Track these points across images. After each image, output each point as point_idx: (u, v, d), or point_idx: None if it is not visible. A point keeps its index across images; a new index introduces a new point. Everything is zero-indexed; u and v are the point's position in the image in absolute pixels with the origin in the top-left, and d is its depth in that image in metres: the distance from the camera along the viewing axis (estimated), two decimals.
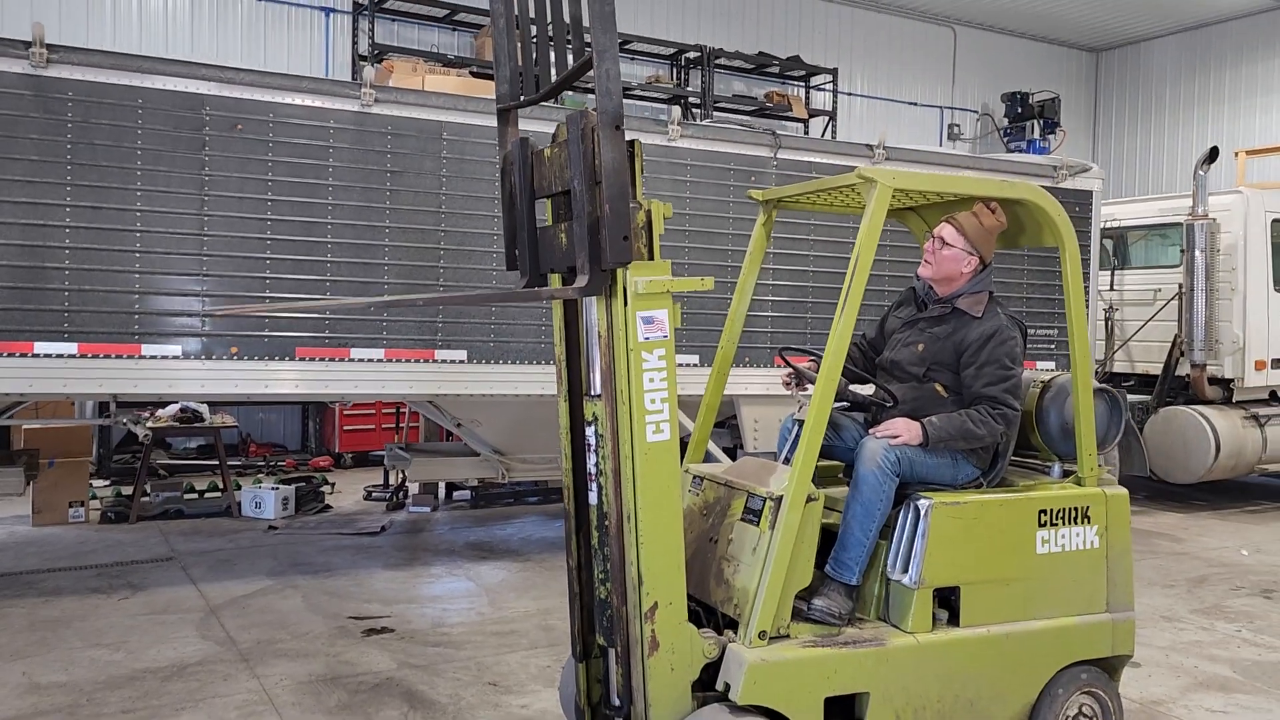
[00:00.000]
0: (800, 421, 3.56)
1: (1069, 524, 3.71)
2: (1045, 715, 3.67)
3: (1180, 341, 9.24)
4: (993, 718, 3.61)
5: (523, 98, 3.39)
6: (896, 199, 3.99)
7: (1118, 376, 9.95)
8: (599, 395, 3.15)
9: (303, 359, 5.86)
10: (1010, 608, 3.63)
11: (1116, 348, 9.86)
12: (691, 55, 12.64)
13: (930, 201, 4.15)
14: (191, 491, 8.44)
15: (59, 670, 4.77)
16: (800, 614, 3.42)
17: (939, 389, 3.76)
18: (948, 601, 3.58)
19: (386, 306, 6.00)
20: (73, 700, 4.43)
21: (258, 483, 8.78)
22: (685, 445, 3.99)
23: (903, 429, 3.60)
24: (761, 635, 3.27)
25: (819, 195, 3.96)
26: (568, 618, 3.61)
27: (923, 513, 3.50)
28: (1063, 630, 3.71)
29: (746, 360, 6.90)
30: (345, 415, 10.55)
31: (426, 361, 6.13)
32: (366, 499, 9.01)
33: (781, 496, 3.32)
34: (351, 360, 5.97)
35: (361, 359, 5.99)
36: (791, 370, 3.87)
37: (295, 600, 5.98)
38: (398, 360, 6.06)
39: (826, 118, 13.59)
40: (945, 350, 3.77)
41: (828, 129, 13.60)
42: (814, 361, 3.80)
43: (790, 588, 3.35)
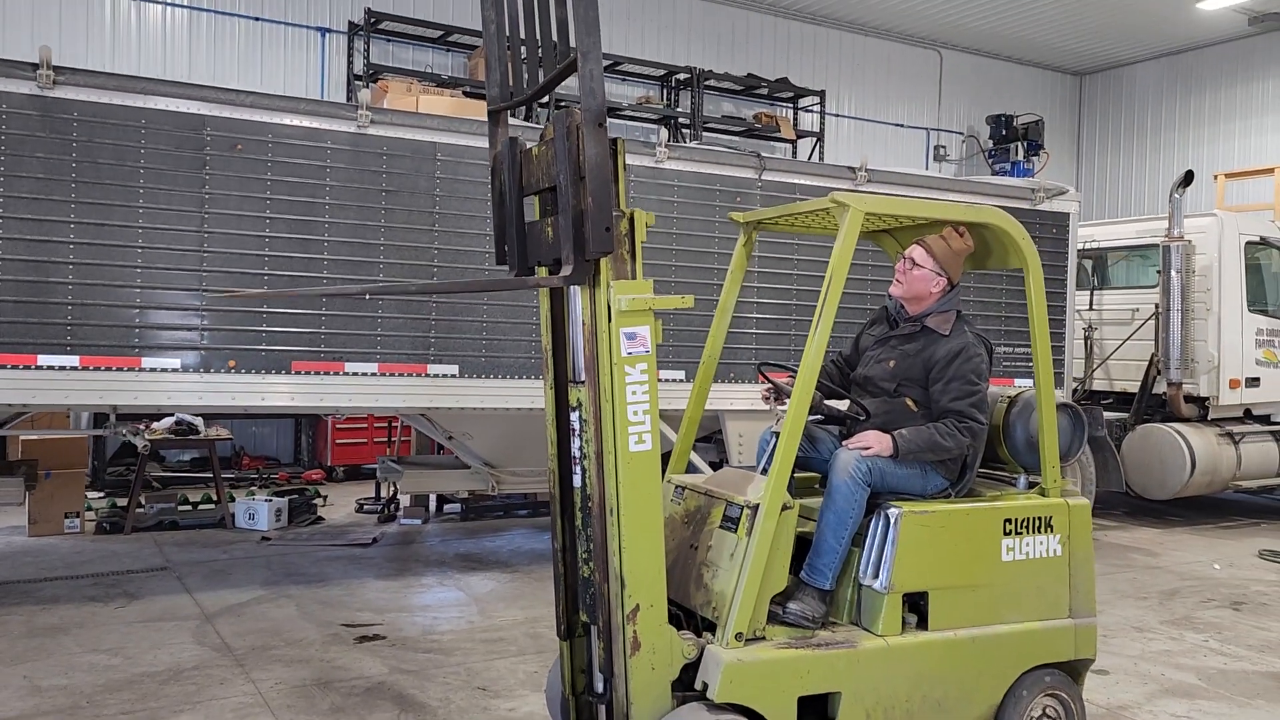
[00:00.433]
0: (778, 434, 3.73)
1: (1033, 533, 3.89)
2: (1010, 716, 3.83)
3: (1157, 360, 9.44)
4: (960, 718, 3.77)
5: (513, 98, 3.59)
6: (869, 222, 4.18)
7: (1097, 394, 10.15)
8: (583, 381, 3.34)
9: (298, 372, 6.02)
10: (977, 612, 3.80)
11: (1095, 366, 10.07)
12: (681, 77, 12.88)
13: (902, 224, 4.33)
14: (185, 503, 8.56)
15: (59, 674, 4.90)
16: (776, 617, 3.58)
17: (909, 403, 3.94)
18: (917, 606, 3.75)
19: (381, 293, 6.15)
20: (73, 702, 4.56)
21: (251, 495, 8.91)
22: (670, 457, 4.17)
23: (874, 441, 3.78)
24: (738, 637, 3.43)
25: (796, 218, 4.15)
26: (554, 626, 3.76)
27: (893, 521, 3.67)
28: (1027, 634, 3.88)
29: (731, 376, 7.08)
30: (337, 429, 10.67)
31: (419, 376, 6.29)
32: (358, 511, 9.15)
33: (758, 505, 3.49)
34: (346, 374, 6.13)
35: (356, 373, 6.14)
36: (771, 386, 4.05)
37: (289, 609, 6.11)
38: (391, 374, 6.22)
39: (814, 139, 13.82)
40: (915, 366, 3.95)
41: (815, 150, 13.83)
42: (793, 377, 3.97)
43: (766, 592, 3.51)
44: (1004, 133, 15.31)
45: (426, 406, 6.47)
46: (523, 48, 3.50)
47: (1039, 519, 3.91)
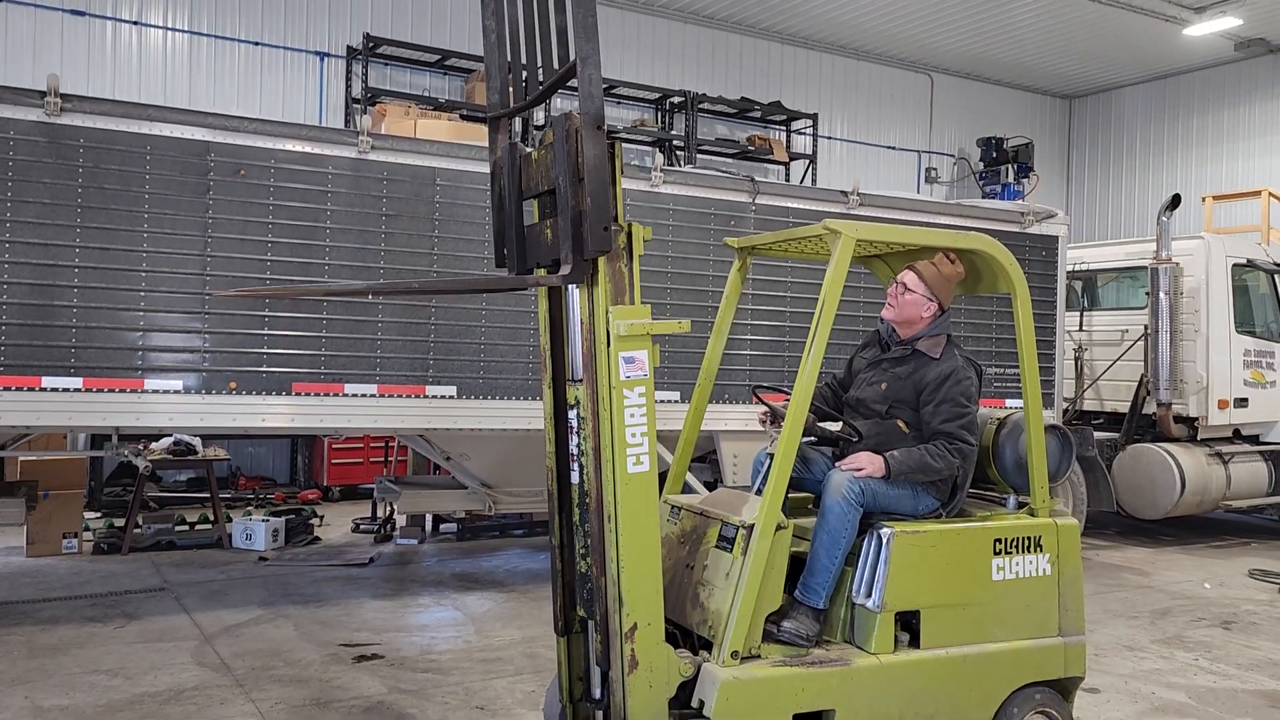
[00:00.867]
0: (772, 456, 3.81)
1: (1022, 552, 3.97)
2: None
3: (1147, 381, 9.55)
4: None
5: (513, 105, 3.68)
6: (861, 248, 4.27)
7: (1087, 414, 10.24)
8: (580, 380, 3.42)
9: (298, 394, 6.08)
10: (968, 631, 3.88)
11: (1086, 387, 10.17)
12: (676, 100, 13.04)
13: (893, 250, 4.43)
14: (183, 523, 8.59)
15: (60, 694, 4.94)
16: (771, 636, 3.65)
17: (900, 425, 4.03)
18: (909, 624, 3.82)
19: (383, 293, 6.21)
20: None
21: (248, 515, 8.94)
22: (666, 478, 4.25)
23: (866, 462, 3.86)
24: (734, 655, 3.51)
25: (790, 244, 4.24)
26: (553, 647, 3.83)
27: (885, 541, 3.75)
28: (1017, 652, 3.95)
29: (726, 397, 7.16)
30: (333, 449, 10.72)
31: (418, 397, 6.36)
32: (354, 531, 9.19)
33: (753, 525, 3.57)
34: (345, 395, 6.19)
35: (355, 394, 6.21)
36: (767, 409, 4.13)
37: (287, 629, 6.16)
38: (390, 395, 6.29)
39: (807, 161, 13.97)
40: (906, 389, 4.04)
41: (808, 172, 13.98)
42: (788, 399, 4.06)
43: (761, 611, 3.58)
44: (994, 155, 15.49)
45: (425, 427, 6.54)
46: (522, 48, 3.60)
47: (1028, 539, 3.99)
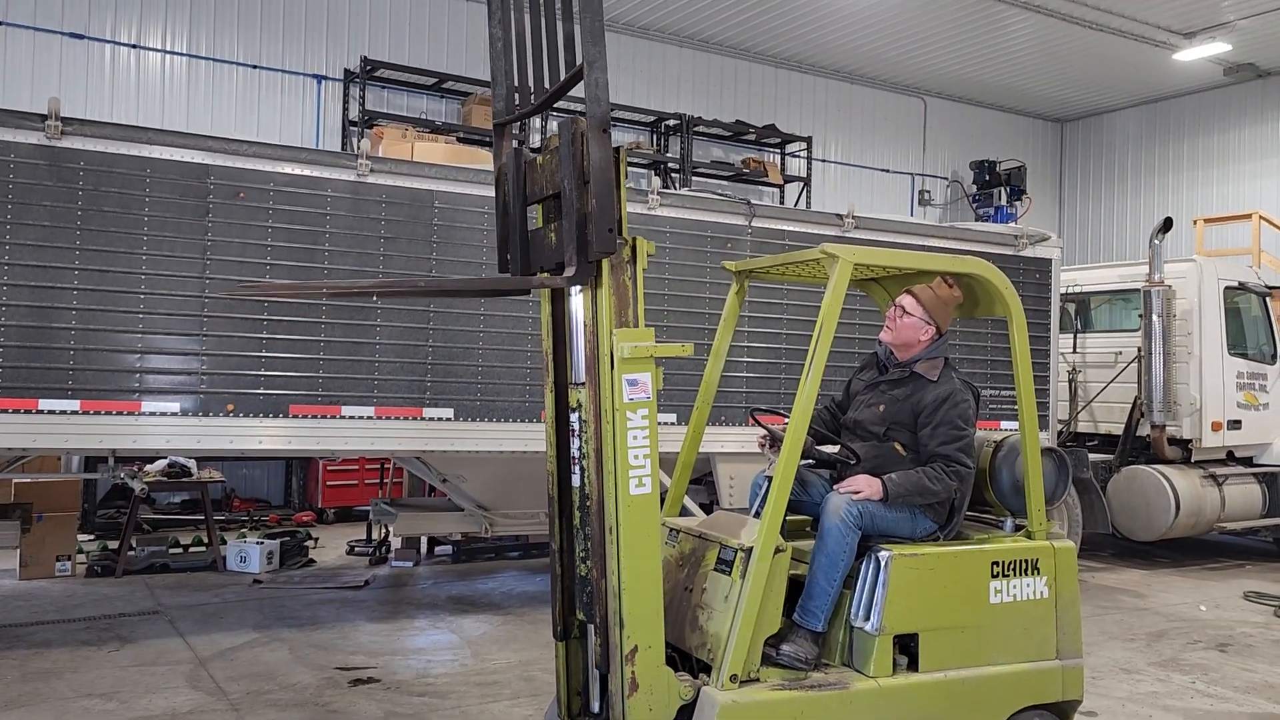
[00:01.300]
0: (770, 478, 3.82)
1: (1020, 575, 3.98)
2: None
3: (1140, 403, 9.58)
4: None
5: (518, 111, 3.71)
6: (858, 272, 4.31)
7: (1082, 436, 10.26)
8: (583, 382, 3.44)
9: (295, 416, 6.09)
10: (966, 654, 3.88)
11: (1080, 408, 10.20)
12: (671, 123, 13.13)
13: (890, 274, 4.47)
14: (176, 546, 8.55)
15: (53, 719, 4.91)
16: (770, 659, 3.66)
17: (898, 448, 4.05)
18: (907, 647, 3.82)
19: (386, 294, 6.23)
20: None
21: (242, 537, 8.90)
22: (664, 500, 4.25)
23: (864, 485, 3.88)
24: (733, 678, 3.50)
25: (787, 267, 4.27)
26: (550, 670, 3.82)
27: (883, 564, 3.76)
28: (1015, 675, 3.96)
29: (723, 419, 7.18)
30: (328, 470, 10.70)
31: (415, 419, 6.37)
32: (349, 553, 9.16)
33: (751, 548, 3.58)
34: (343, 417, 6.20)
35: (352, 416, 6.21)
36: (766, 432, 4.15)
37: (282, 652, 6.13)
38: (387, 417, 6.30)
39: (801, 183, 14.05)
40: (903, 411, 4.06)
41: (802, 194, 14.06)
42: (787, 422, 4.08)
43: (760, 634, 3.59)
44: (987, 178, 15.61)
45: (422, 449, 6.54)
46: (529, 62, 3.63)
47: (1025, 561, 4.00)
